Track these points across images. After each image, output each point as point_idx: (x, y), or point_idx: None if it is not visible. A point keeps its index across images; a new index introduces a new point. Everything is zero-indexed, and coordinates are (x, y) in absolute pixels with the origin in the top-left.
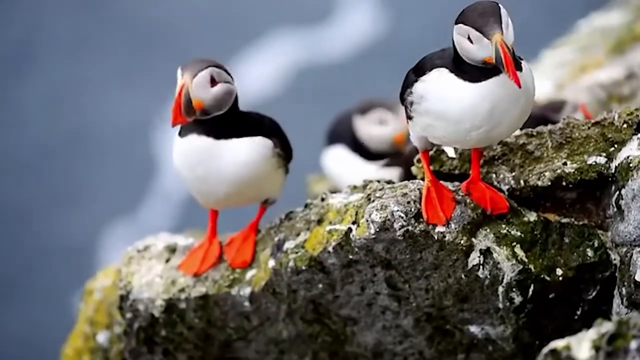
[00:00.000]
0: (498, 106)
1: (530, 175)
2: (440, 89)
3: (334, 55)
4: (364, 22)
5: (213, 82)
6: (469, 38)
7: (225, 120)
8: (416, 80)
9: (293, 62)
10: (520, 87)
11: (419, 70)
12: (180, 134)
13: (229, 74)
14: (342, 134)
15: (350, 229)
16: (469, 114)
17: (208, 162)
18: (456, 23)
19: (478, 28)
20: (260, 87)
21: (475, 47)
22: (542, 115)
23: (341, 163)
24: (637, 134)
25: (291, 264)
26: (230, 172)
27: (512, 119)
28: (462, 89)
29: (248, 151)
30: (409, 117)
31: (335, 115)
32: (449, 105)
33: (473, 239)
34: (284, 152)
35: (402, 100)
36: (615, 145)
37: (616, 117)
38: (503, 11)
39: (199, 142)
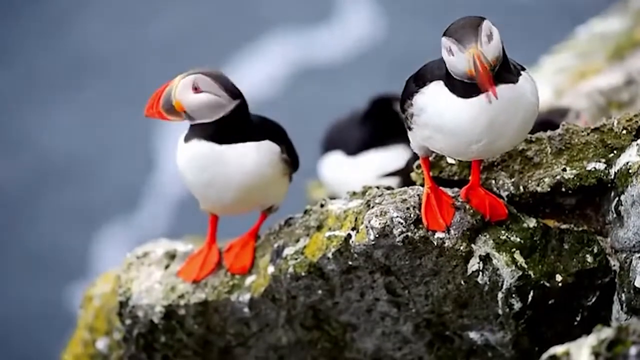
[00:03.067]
0: (497, 119)
1: (530, 181)
2: (438, 103)
3: (331, 58)
4: (362, 25)
5: (197, 89)
6: (449, 51)
7: (227, 126)
8: (417, 92)
9: (290, 63)
10: (497, 98)
11: (420, 80)
12: (185, 139)
13: (227, 89)
14: (339, 140)
15: (349, 235)
16: (468, 129)
17: (214, 168)
18: (442, 36)
19: (456, 40)
20: (258, 88)
21: (455, 59)
22: (549, 120)
23: (339, 169)
24: (636, 140)
25: (290, 270)
26: (237, 177)
27: (513, 131)
28: (459, 103)
29: (255, 156)
30: (409, 128)
31: (330, 120)
32: (447, 120)
33: (472, 245)
34: (290, 158)
35: (403, 110)
36: (615, 151)
37: (615, 123)
38: (486, 25)
39: (200, 147)
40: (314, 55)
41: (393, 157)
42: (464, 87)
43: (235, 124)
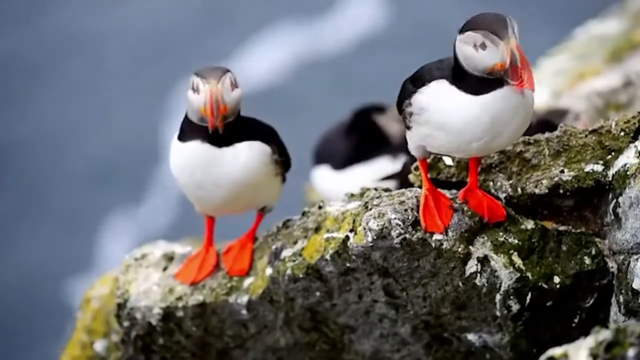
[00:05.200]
0: (499, 119)
1: (528, 183)
2: (440, 101)
3: (336, 48)
4: (366, 15)
5: (232, 86)
6: (481, 45)
7: (230, 127)
8: (415, 92)
9: (295, 54)
10: (533, 90)
11: (417, 81)
12: (181, 139)
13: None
14: (326, 154)
15: (347, 237)
16: (470, 126)
17: (208, 169)
18: (461, 32)
19: (494, 31)
20: (263, 78)
21: (486, 53)
22: (548, 120)
23: (328, 184)
24: (634, 142)
25: (289, 272)
26: (228, 178)
27: (512, 130)
28: (463, 101)
29: (247, 156)
30: (408, 127)
31: (336, 112)
32: (450, 117)
33: (470, 247)
34: (282, 159)
35: (400, 110)
36: (613, 153)
37: (613, 125)
38: (511, 20)
39: (202, 149)
40: (319, 46)
41: (378, 170)
42: (478, 84)
43: (235, 124)
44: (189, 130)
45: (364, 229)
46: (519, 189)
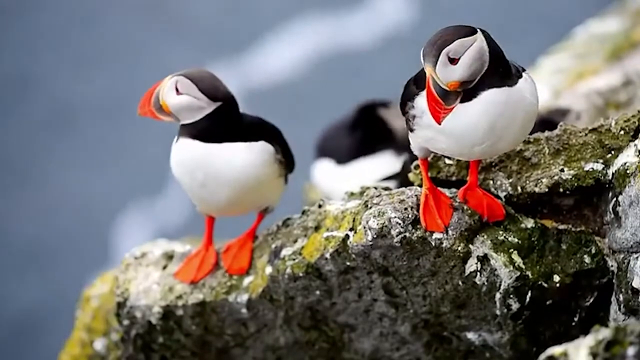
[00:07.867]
0: (497, 123)
1: (528, 181)
2: None
3: (361, 42)
4: (392, 10)
5: (177, 91)
6: None
7: (211, 126)
8: (418, 94)
9: (320, 47)
10: (439, 124)
11: (420, 82)
12: (176, 140)
13: (206, 92)
14: (329, 147)
15: (347, 236)
16: (469, 132)
17: (205, 166)
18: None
19: (422, 54)
20: (287, 71)
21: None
22: (550, 119)
23: (330, 178)
24: (634, 141)
25: (288, 270)
26: (228, 176)
27: (514, 133)
28: (461, 107)
29: (246, 156)
30: (410, 129)
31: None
32: (449, 123)
33: (470, 246)
34: (285, 159)
35: (403, 112)
36: (612, 152)
37: (613, 124)
38: (456, 45)
39: (186, 145)
40: (344, 40)
41: (381, 166)
42: (471, 90)
43: (220, 125)
44: (180, 130)
45: (364, 227)
46: (518, 188)
